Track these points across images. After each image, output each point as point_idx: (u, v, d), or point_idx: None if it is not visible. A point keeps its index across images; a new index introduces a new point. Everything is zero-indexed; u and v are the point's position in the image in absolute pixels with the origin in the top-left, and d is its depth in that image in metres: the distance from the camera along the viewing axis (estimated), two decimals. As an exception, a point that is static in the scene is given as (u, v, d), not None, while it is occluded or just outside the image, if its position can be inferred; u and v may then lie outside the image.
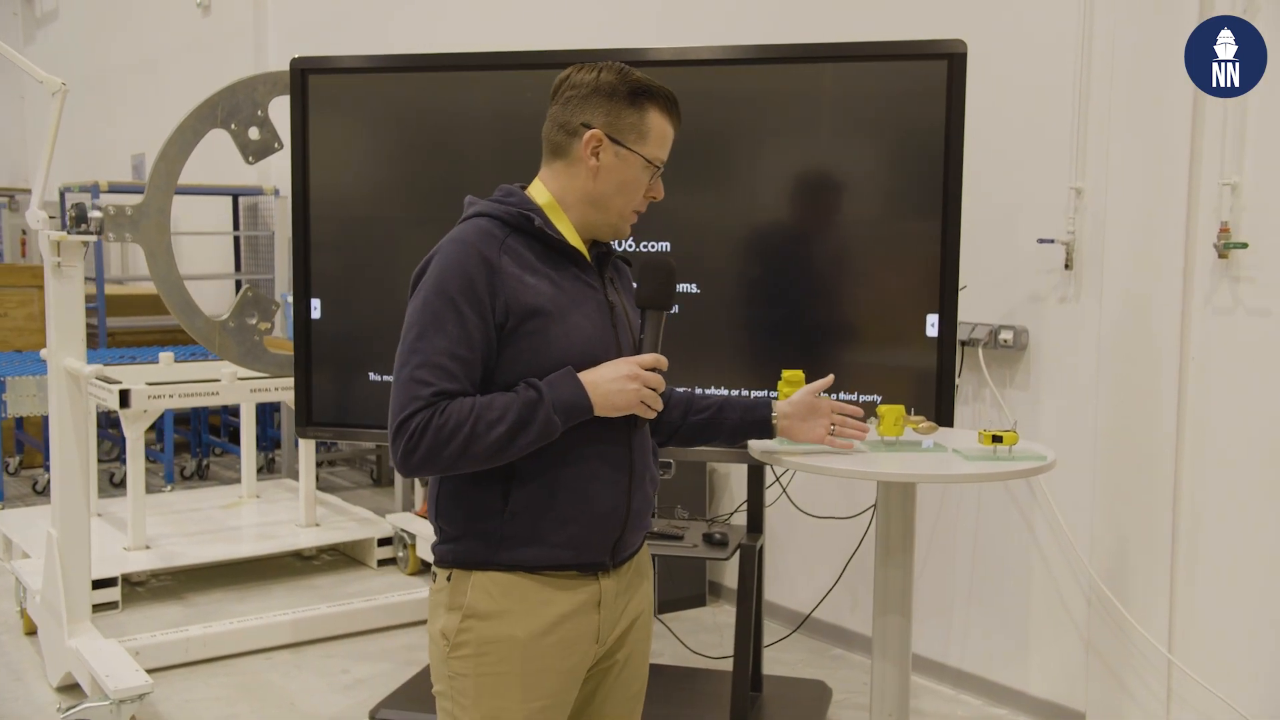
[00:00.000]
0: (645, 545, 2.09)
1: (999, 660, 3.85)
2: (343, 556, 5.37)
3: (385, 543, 5.21)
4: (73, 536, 3.87)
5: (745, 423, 2.22)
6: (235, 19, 8.37)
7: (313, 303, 3.61)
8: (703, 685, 3.81)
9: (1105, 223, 3.43)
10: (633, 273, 2.08)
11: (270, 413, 7.31)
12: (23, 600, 4.42)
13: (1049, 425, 3.64)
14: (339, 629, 4.44)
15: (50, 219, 3.83)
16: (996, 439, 2.51)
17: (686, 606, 4.74)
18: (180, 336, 4.90)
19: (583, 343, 1.89)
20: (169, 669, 4.04)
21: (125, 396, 4.57)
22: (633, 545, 2.00)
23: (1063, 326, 3.60)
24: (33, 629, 4.33)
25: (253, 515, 5.59)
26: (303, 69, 3.59)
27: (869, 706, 2.71)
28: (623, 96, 1.91)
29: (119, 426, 5.06)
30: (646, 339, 1.97)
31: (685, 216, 3.32)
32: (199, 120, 4.39)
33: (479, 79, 3.53)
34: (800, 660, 4.24)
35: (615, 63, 1.94)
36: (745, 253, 3.38)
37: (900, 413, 2.58)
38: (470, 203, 1.98)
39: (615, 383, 1.87)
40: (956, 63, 3.09)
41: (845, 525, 3.98)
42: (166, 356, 5.40)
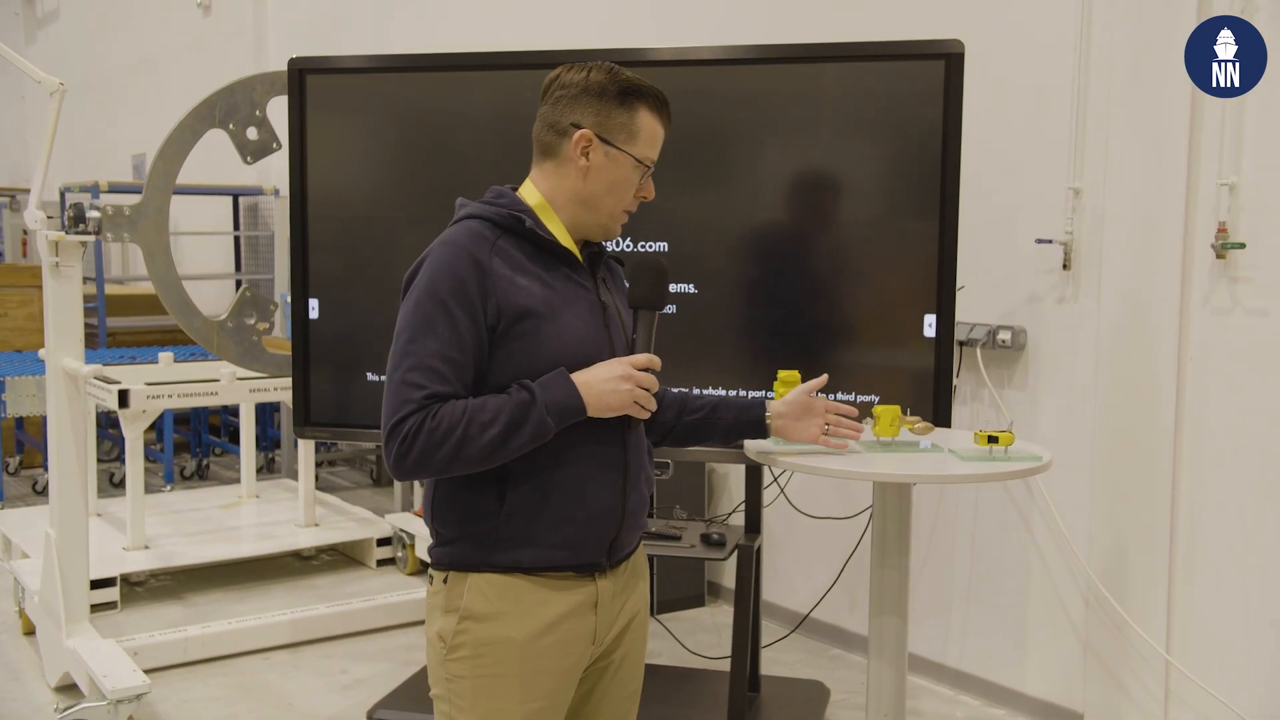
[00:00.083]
0: (641, 545, 2.08)
1: (997, 660, 3.85)
2: (342, 556, 5.37)
3: (384, 543, 5.21)
4: (71, 537, 3.87)
5: (739, 422, 2.21)
6: (236, 19, 8.37)
7: (311, 303, 3.61)
8: (701, 685, 3.81)
9: (1103, 223, 3.43)
10: (625, 273, 2.07)
11: (270, 413, 7.31)
12: (21, 600, 4.42)
13: (1047, 425, 3.63)
14: (338, 629, 4.44)
15: (49, 219, 3.83)
16: (992, 439, 2.51)
17: (685, 607, 4.74)
18: (181, 336, 4.89)
19: (575, 343, 1.89)
20: (167, 669, 4.04)
21: (124, 396, 4.57)
22: (629, 545, 2.00)
23: (1061, 327, 3.60)
24: (31, 629, 4.33)
25: (252, 515, 5.60)
26: (300, 69, 3.59)
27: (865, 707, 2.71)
28: (612, 96, 1.90)
29: (119, 426, 5.05)
30: (639, 339, 1.96)
31: (682, 216, 3.32)
32: (197, 120, 4.38)
33: (477, 79, 3.53)
34: (798, 660, 4.23)
35: (605, 62, 1.93)
36: (742, 253, 3.37)
37: (896, 413, 2.58)
38: (461, 204, 1.98)
39: (608, 383, 1.86)
40: (954, 63, 3.08)
41: (843, 525, 3.98)
42: (166, 356, 5.40)
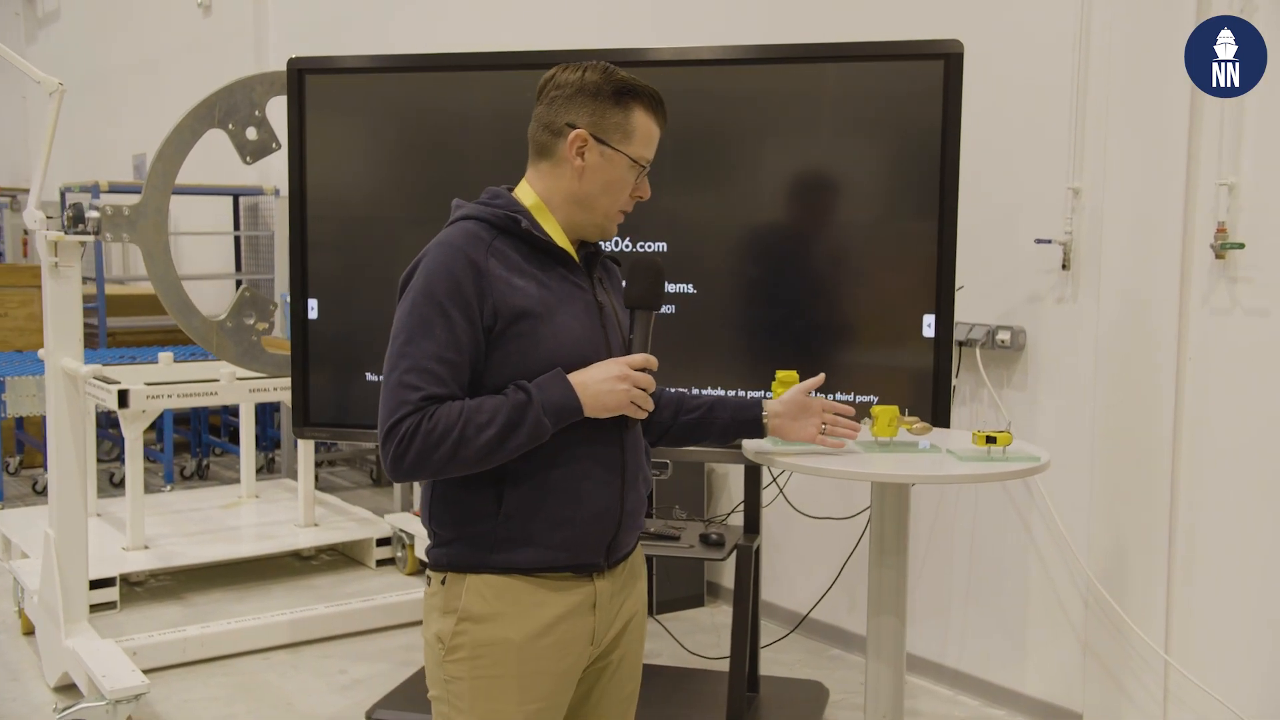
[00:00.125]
0: (639, 545, 2.08)
1: (996, 661, 3.85)
2: (341, 556, 5.37)
3: (384, 543, 5.21)
4: (70, 537, 3.87)
5: (736, 422, 2.21)
6: (236, 19, 8.38)
7: (310, 303, 3.61)
8: (700, 686, 3.81)
9: (1103, 223, 3.42)
10: (621, 272, 2.07)
11: (270, 413, 7.31)
12: (21, 600, 4.42)
13: (1046, 426, 3.63)
14: (337, 629, 4.44)
15: (49, 219, 3.83)
16: (990, 440, 2.51)
17: (684, 607, 4.74)
18: (181, 337, 4.89)
19: (571, 344, 1.88)
20: (167, 669, 4.04)
21: (123, 397, 4.57)
22: (627, 546, 2.00)
23: (1060, 327, 3.60)
24: (31, 629, 4.33)
25: (252, 515, 5.60)
26: (299, 69, 3.59)
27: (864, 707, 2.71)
28: (607, 96, 1.90)
29: (119, 426, 5.06)
30: (636, 339, 1.96)
31: (681, 216, 3.32)
32: (196, 120, 4.38)
33: (477, 79, 3.52)
34: (798, 661, 4.23)
35: (600, 62, 1.92)
36: (741, 253, 3.37)
37: (894, 413, 2.58)
38: (457, 205, 1.97)
39: (605, 383, 1.86)
40: (953, 63, 3.08)
41: (842, 526, 3.98)
42: (166, 356, 5.40)
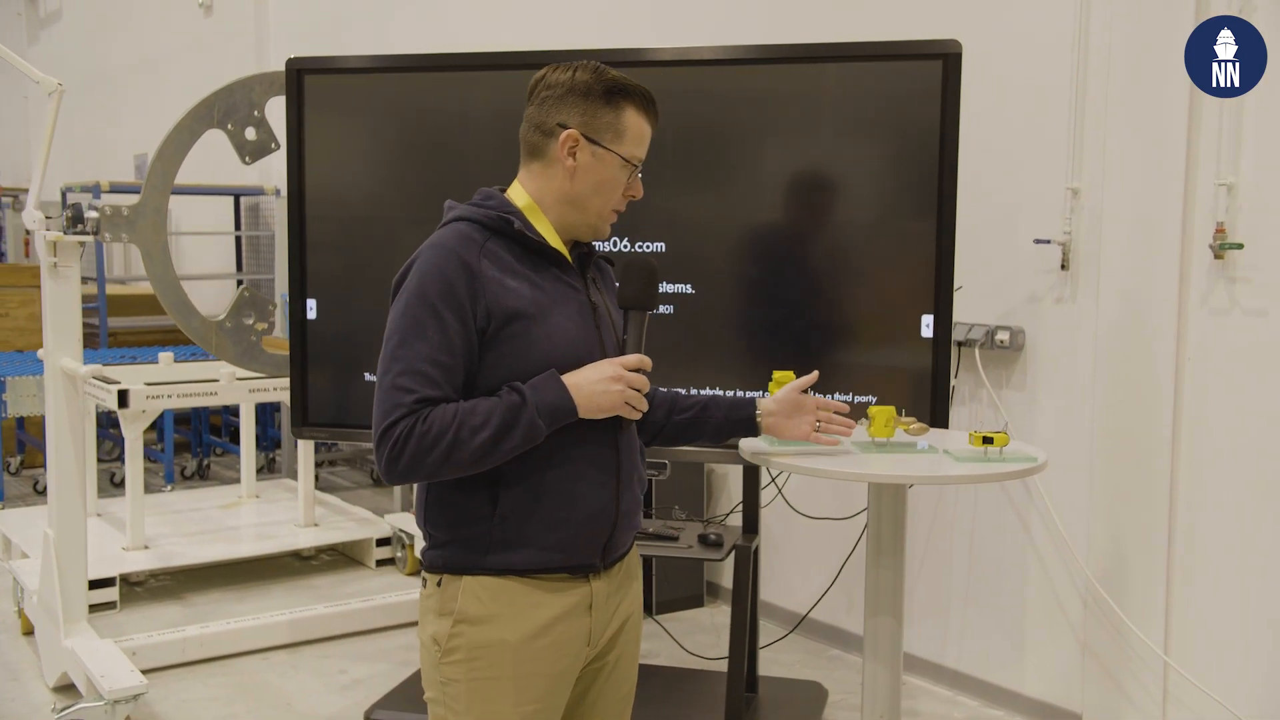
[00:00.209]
0: (635, 546, 2.08)
1: (995, 661, 3.85)
2: (341, 556, 5.37)
3: (384, 543, 5.21)
4: (69, 537, 3.87)
5: (730, 421, 2.20)
6: (236, 19, 8.38)
7: (309, 303, 3.61)
8: (698, 686, 3.80)
9: (1102, 223, 3.42)
10: (615, 273, 2.07)
11: (271, 413, 7.32)
12: (20, 600, 4.42)
13: (1045, 426, 3.63)
14: (336, 629, 4.44)
15: (48, 219, 3.83)
16: (987, 440, 2.50)
17: (683, 607, 4.74)
18: (181, 337, 4.89)
19: (565, 344, 1.88)
20: (166, 669, 4.04)
21: (123, 397, 4.57)
22: (623, 546, 1.99)
23: (1059, 327, 3.59)
24: (30, 629, 4.33)
25: (252, 515, 5.60)
26: (298, 69, 3.59)
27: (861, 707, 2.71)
28: (598, 95, 1.90)
29: (119, 426, 5.06)
30: (629, 339, 1.96)
31: (680, 216, 3.32)
32: (196, 121, 4.38)
33: (477, 79, 3.52)
34: (796, 661, 4.23)
35: (591, 61, 1.92)
36: (739, 252, 3.37)
37: (891, 414, 2.58)
38: (450, 207, 1.97)
39: (599, 384, 1.86)
40: (951, 63, 3.08)
41: (841, 526, 3.97)
42: (166, 356, 5.40)
